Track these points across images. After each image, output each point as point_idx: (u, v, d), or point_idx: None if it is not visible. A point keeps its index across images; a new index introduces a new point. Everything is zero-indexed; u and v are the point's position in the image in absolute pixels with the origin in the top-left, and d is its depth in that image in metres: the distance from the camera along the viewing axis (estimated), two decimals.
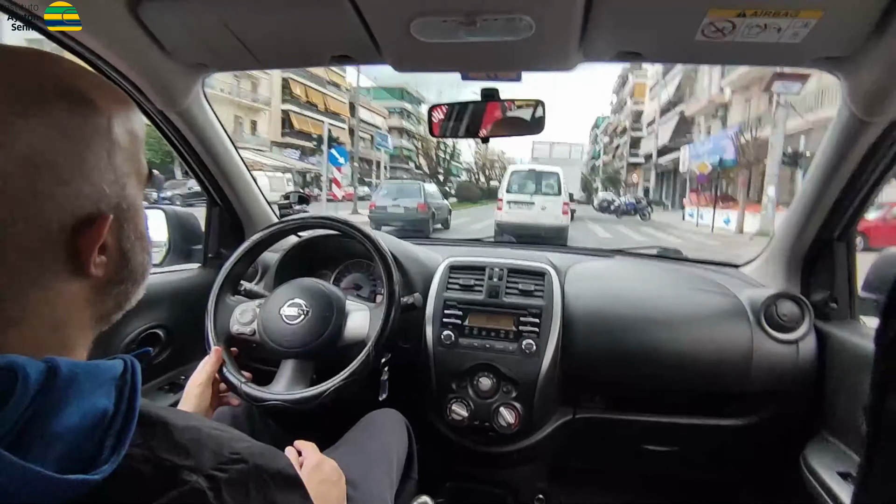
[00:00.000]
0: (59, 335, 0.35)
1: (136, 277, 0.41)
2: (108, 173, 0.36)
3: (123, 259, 0.39)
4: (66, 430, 0.29)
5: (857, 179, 1.04)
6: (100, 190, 0.35)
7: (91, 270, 0.35)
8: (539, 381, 1.15)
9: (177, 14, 0.89)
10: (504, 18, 0.80)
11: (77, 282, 0.36)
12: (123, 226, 0.38)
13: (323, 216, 1.13)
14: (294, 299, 1.01)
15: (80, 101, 0.35)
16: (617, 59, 0.95)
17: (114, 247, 0.38)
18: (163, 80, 1.08)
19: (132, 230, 0.39)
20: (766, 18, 0.76)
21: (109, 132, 0.37)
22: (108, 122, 0.37)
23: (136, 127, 0.40)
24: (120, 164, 0.37)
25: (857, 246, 1.19)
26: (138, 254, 0.41)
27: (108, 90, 0.38)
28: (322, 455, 0.81)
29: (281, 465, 0.39)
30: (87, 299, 0.37)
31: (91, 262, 0.35)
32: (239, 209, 1.45)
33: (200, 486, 0.32)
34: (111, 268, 0.38)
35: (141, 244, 0.41)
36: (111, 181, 0.36)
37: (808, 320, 1.13)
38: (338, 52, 0.99)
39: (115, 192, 0.37)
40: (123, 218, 0.38)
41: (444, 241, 1.68)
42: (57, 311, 0.35)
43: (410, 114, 44.98)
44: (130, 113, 0.40)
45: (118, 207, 0.37)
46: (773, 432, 1.19)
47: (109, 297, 0.39)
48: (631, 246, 1.69)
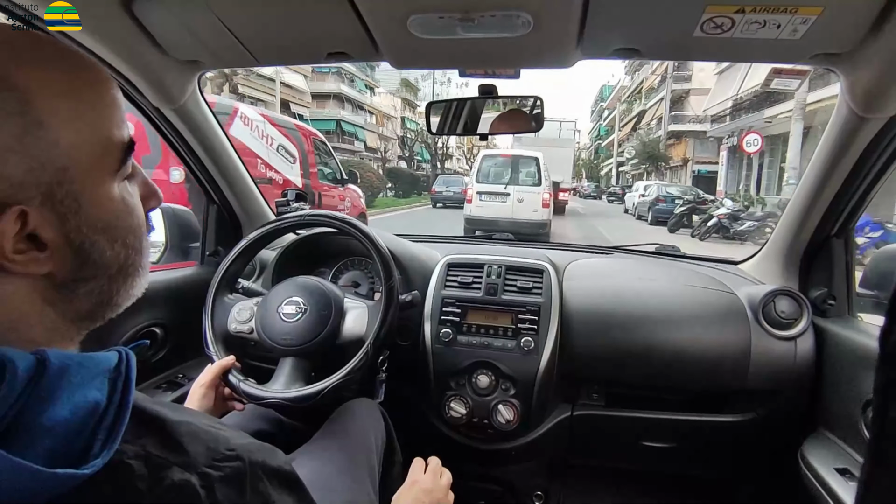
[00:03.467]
0: (23, 334, 0.33)
1: (113, 273, 0.37)
2: (23, 157, 0.31)
3: (80, 254, 0.35)
4: (56, 423, 0.29)
5: (855, 176, 1.04)
6: (4, 178, 0.31)
7: (12, 268, 0.32)
8: (537, 379, 1.15)
9: (172, 11, 0.88)
10: (502, 15, 0.79)
11: (16, 280, 0.33)
12: (67, 217, 0.33)
13: (321, 213, 1.12)
14: (292, 297, 1.01)
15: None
16: (615, 55, 0.94)
17: (57, 240, 0.33)
18: (158, 78, 1.07)
19: (84, 222, 0.34)
20: (766, 15, 0.76)
21: (25, 110, 0.31)
22: (23, 98, 0.31)
23: (86, 99, 0.35)
24: (45, 146, 0.32)
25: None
26: (104, 248, 0.36)
27: (30, 59, 0.33)
28: (434, 480, 0.84)
29: (279, 463, 0.39)
30: (45, 299, 0.34)
31: (7, 260, 0.31)
32: (236, 207, 1.45)
33: (192, 484, 0.32)
34: (65, 264, 0.34)
35: (106, 237, 0.36)
36: (28, 168, 0.31)
37: (806, 317, 1.14)
38: (334, 49, 0.98)
39: (37, 179, 0.32)
40: (64, 207, 0.33)
41: (442, 239, 1.68)
42: (5, 309, 0.33)
43: (355, 77, 30.94)
44: (75, 83, 0.34)
45: (49, 196, 0.32)
46: (772, 428, 1.19)
47: (77, 295, 0.36)
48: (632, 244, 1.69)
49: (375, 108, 33.43)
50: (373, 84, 33.75)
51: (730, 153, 19.43)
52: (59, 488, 0.28)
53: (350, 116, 29.48)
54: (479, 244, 1.64)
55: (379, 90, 34.66)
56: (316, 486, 0.46)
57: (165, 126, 1.20)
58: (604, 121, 54.68)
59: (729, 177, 19.61)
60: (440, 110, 1.22)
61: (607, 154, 49.92)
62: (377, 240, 1.06)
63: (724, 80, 18.74)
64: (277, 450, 0.40)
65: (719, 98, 18.98)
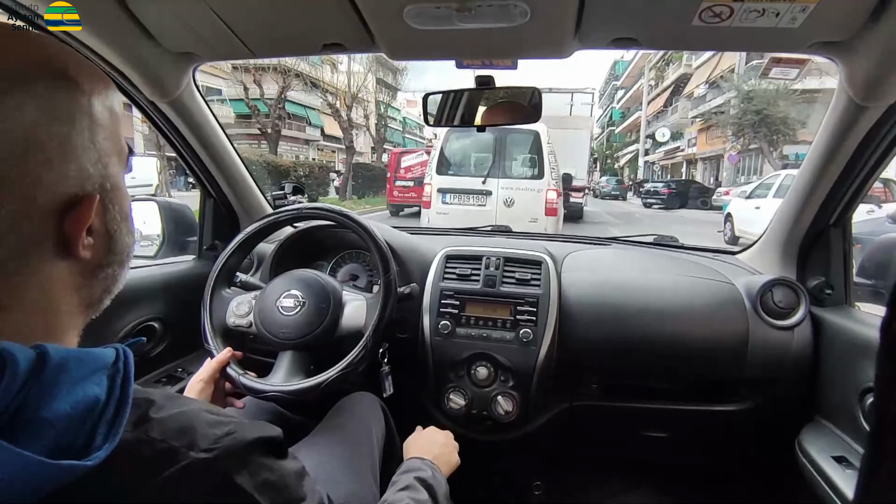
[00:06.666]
0: (47, 321, 0.35)
1: (122, 259, 0.41)
2: (92, 153, 0.36)
3: (110, 241, 0.39)
4: (57, 417, 0.29)
5: (853, 165, 1.03)
6: (84, 170, 0.35)
7: (80, 252, 0.35)
8: (536, 370, 1.15)
9: (166, 2, 0.87)
10: (498, 5, 0.78)
11: (65, 265, 0.35)
12: (109, 206, 0.38)
13: (318, 206, 1.12)
14: (290, 290, 1.01)
15: (63, 79, 0.35)
16: (613, 45, 0.93)
17: (101, 228, 0.37)
18: (152, 70, 1.06)
19: (118, 211, 0.39)
20: (765, 3, 0.75)
21: (91, 110, 0.36)
22: (89, 101, 0.36)
23: (115, 105, 0.40)
24: (102, 143, 0.37)
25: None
26: (124, 235, 0.40)
27: (88, 67, 0.37)
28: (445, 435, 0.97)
29: (274, 434, 0.40)
30: (75, 284, 0.37)
31: (79, 244, 0.35)
32: (233, 200, 1.44)
33: (198, 461, 0.33)
34: (98, 250, 0.38)
35: (126, 226, 0.40)
36: (94, 161, 0.36)
37: (803, 306, 1.14)
38: (330, 41, 0.97)
39: (98, 171, 0.36)
40: (108, 198, 0.38)
41: (440, 231, 1.68)
42: (44, 295, 0.35)
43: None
44: (109, 91, 0.39)
45: (103, 188, 0.37)
46: (769, 417, 1.20)
47: (97, 280, 0.39)
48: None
49: (337, 88, 23.64)
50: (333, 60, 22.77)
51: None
52: (64, 479, 0.28)
53: (299, 96, 22.24)
54: (477, 236, 1.64)
55: (341, 67, 23.29)
56: (318, 479, 0.47)
57: (160, 120, 1.19)
58: (617, 103, 42.86)
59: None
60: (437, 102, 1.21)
61: (623, 142, 40.78)
62: (375, 232, 1.06)
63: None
64: (271, 424, 0.42)
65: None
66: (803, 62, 1.07)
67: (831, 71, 0.95)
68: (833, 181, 1.08)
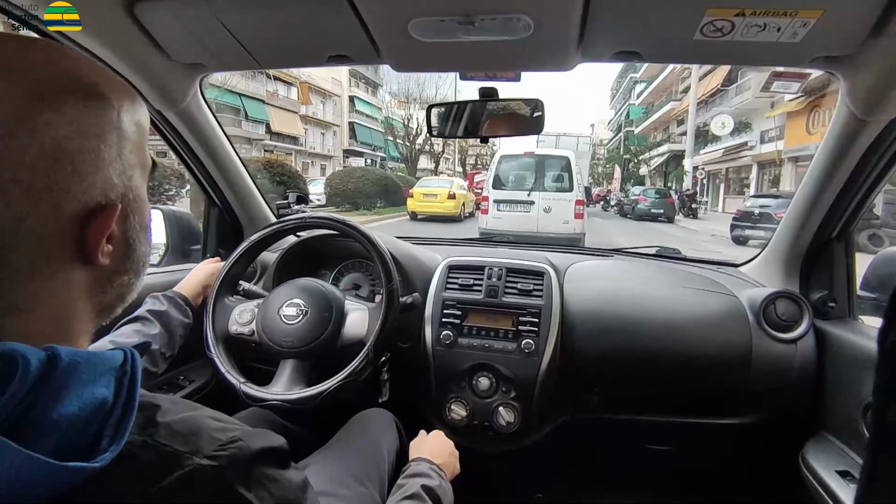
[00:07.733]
0: (62, 325, 0.36)
1: (138, 268, 0.42)
2: (118, 164, 0.37)
3: (128, 249, 0.40)
4: (65, 418, 0.29)
5: (855, 179, 1.04)
6: (109, 180, 0.36)
7: (99, 259, 0.36)
8: (538, 381, 1.15)
9: (174, 14, 0.89)
10: (502, 18, 0.79)
11: (83, 271, 0.36)
12: (130, 216, 0.39)
13: (322, 216, 1.13)
14: (293, 299, 1.02)
15: (93, 94, 0.35)
16: (615, 58, 0.94)
17: (120, 236, 0.38)
18: (160, 81, 1.07)
19: (138, 221, 0.40)
20: (766, 18, 0.76)
21: (120, 124, 0.37)
22: (118, 115, 0.37)
23: (142, 119, 0.41)
24: (128, 156, 0.38)
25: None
26: (142, 244, 0.41)
27: (116, 83, 0.39)
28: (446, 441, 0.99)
29: (278, 443, 0.40)
30: (90, 290, 0.37)
31: (99, 251, 0.36)
32: (238, 209, 1.45)
33: (203, 468, 0.33)
34: (116, 257, 0.38)
35: (144, 235, 0.42)
36: (119, 172, 0.37)
37: (807, 319, 1.14)
38: (335, 53, 0.98)
39: (122, 182, 0.37)
40: (130, 208, 0.39)
41: (442, 241, 1.68)
42: (61, 300, 0.35)
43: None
44: (136, 105, 0.40)
45: (125, 197, 0.38)
46: (773, 431, 1.19)
47: (112, 287, 0.39)
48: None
49: (296, 79, 21.86)
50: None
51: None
52: (70, 481, 0.28)
53: (234, 81, 18.90)
54: (479, 246, 1.64)
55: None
56: (326, 492, 0.47)
57: (167, 129, 1.21)
58: (636, 99, 37.40)
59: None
60: (441, 113, 1.22)
61: (646, 144, 32.82)
62: (378, 242, 1.06)
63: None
64: (275, 433, 0.42)
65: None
66: (805, 76, 1.08)
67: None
68: (835, 195, 1.08)
